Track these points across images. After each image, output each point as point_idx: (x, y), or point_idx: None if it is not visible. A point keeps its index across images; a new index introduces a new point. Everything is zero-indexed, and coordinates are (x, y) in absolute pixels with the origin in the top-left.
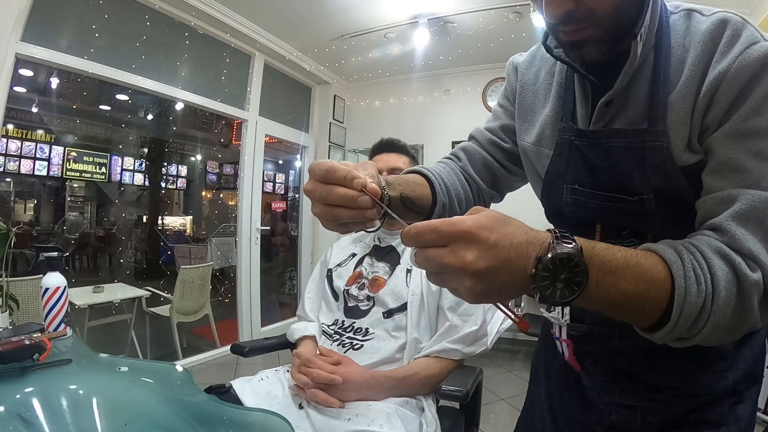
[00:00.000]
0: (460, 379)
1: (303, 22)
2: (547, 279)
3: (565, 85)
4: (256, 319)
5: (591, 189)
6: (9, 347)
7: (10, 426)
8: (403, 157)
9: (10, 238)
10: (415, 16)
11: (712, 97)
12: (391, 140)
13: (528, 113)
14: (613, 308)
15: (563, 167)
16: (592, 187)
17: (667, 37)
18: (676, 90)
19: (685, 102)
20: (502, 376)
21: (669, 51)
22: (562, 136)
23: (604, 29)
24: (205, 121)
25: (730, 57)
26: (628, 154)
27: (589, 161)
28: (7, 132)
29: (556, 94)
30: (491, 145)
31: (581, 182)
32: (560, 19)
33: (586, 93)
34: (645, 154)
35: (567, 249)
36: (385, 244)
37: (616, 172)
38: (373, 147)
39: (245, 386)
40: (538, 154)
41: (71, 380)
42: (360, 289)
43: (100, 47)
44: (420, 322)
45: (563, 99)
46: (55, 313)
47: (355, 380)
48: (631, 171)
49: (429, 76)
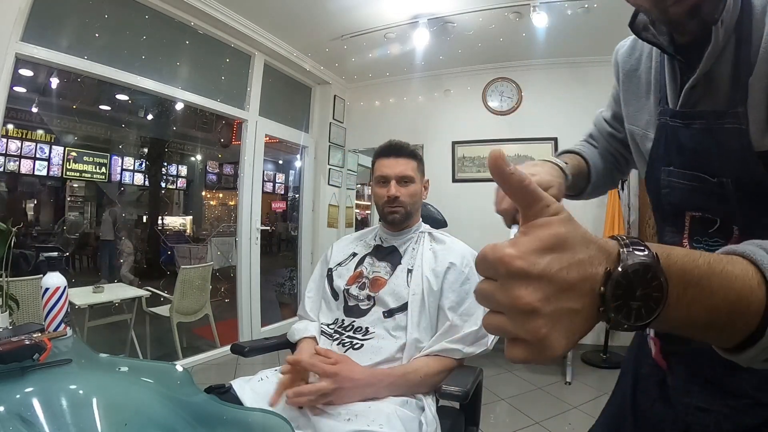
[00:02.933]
0: (460, 379)
1: (303, 22)
2: (620, 298)
3: (659, 69)
4: (256, 319)
5: (681, 169)
6: (9, 347)
7: (10, 426)
8: (411, 162)
9: (10, 238)
10: (415, 16)
11: None
12: (400, 144)
13: (635, 98)
14: (695, 327)
15: (662, 150)
16: (681, 167)
17: (747, 19)
18: (755, 70)
19: (761, 82)
20: (502, 376)
21: (750, 32)
22: (660, 120)
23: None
24: (205, 121)
25: None
26: (709, 137)
27: (679, 142)
28: (7, 132)
29: (654, 78)
30: (609, 137)
31: (674, 163)
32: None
33: (675, 75)
34: (724, 137)
35: (640, 258)
36: (387, 244)
37: (700, 154)
38: (379, 149)
39: (245, 386)
40: (644, 138)
41: (71, 380)
42: (360, 288)
43: (100, 47)
44: (420, 322)
45: (660, 83)
46: (55, 313)
47: (356, 378)
48: (711, 154)
49: (429, 76)
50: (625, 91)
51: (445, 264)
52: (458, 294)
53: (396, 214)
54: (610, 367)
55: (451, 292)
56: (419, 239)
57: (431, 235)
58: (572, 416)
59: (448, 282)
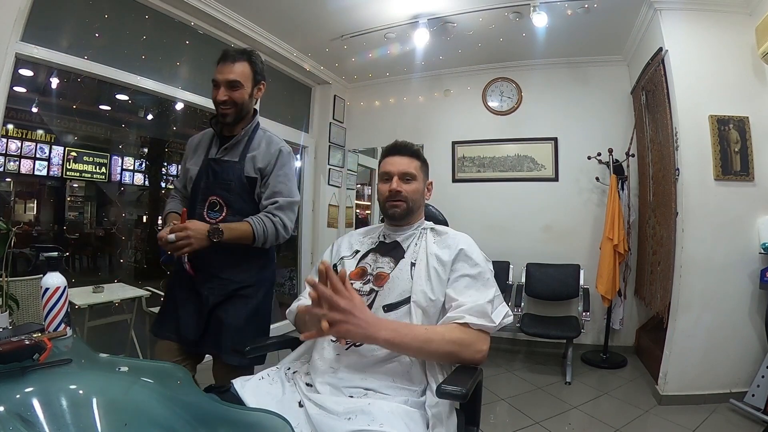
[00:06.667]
0: (460, 379)
1: (303, 22)
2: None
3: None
4: None
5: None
6: (9, 347)
7: (10, 426)
8: (414, 161)
9: (10, 238)
10: (415, 16)
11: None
12: (404, 143)
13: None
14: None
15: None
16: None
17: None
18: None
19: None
20: (502, 376)
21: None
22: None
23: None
24: (205, 121)
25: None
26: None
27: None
28: (7, 132)
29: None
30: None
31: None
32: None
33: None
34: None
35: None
36: (389, 240)
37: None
38: (385, 149)
39: (245, 386)
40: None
41: (71, 380)
42: (364, 284)
43: (100, 47)
44: (425, 313)
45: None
46: (55, 313)
47: (367, 315)
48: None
49: (429, 76)
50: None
51: (455, 251)
52: (465, 279)
53: (397, 209)
54: (610, 367)
55: (460, 277)
56: (422, 235)
57: (434, 230)
58: (572, 416)
59: (457, 268)
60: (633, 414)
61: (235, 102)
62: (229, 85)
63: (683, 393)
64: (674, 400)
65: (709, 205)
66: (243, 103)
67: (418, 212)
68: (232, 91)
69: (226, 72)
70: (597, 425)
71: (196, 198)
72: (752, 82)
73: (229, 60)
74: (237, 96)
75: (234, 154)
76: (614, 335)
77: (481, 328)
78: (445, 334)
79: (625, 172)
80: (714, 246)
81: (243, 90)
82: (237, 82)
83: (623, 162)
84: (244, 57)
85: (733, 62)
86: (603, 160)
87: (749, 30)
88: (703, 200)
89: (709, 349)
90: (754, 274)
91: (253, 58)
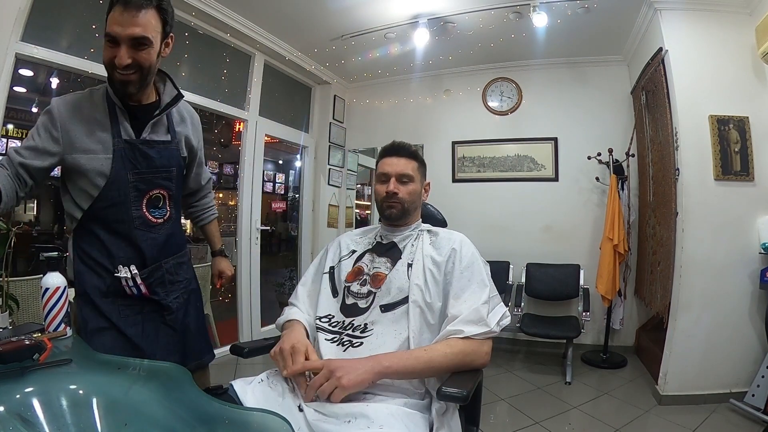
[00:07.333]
0: (461, 380)
1: (303, 22)
2: None
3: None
4: (256, 319)
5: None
6: (9, 347)
7: (10, 426)
8: (412, 162)
9: (10, 238)
10: (415, 16)
11: None
12: (402, 144)
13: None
14: None
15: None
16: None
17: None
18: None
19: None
20: (502, 376)
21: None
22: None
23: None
24: (205, 121)
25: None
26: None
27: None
28: (7, 132)
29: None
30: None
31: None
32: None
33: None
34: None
35: None
36: (386, 240)
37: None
38: (383, 149)
39: (245, 387)
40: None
41: (71, 380)
42: (361, 285)
43: (100, 47)
44: (423, 314)
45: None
46: (55, 313)
47: (351, 360)
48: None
49: (429, 76)
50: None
51: (447, 252)
52: (459, 280)
53: (393, 209)
54: (610, 367)
55: (453, 279)
56: (419, 236)
57: (430, 231)
58: (572, 416)
59: (449, 269)
60: (633, 414)
61: (141, 65)
62: (134, 42)
63: (683, 393)
64: (674, 400)
65: (709, 205)
66: (150, 66)
67: (414, 213)
68: (137, 51)
69: (130, 24)
70: (597, 425)
71: (124, 195)
72: (752, 82)
73: (132, 6)
74: (144, 58)
75: (160, 132)
76: (614, 335)
77: (479, 337)
78: (446, 350)
79: (625, 172)
80: (714, 246)
81: (151, 49)
82: (145, 39)
83: (623, 162)
84: (151, 3)
85: (733, 62)
86: (603, 160)
87: (749, 30)
88: (703, 200)
89: (709, 349)
90: (754, 274)
91: (162, 4)
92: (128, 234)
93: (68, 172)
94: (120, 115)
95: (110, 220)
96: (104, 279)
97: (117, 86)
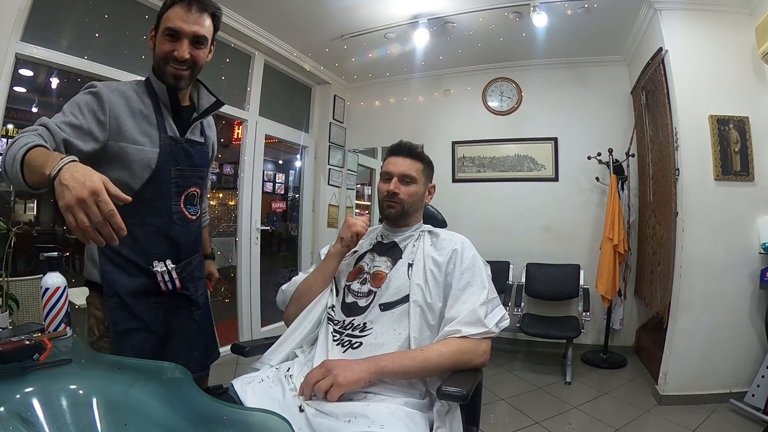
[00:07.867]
0: (461, 379)
1: (303, 22)
2: None
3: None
4: (256, 319)
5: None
6: (9, 347)
7: (10, 426)
8: (417, 163)
9: (10, 238)
10: (415, 16)
11: None
12: (408, 145)
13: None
14: None
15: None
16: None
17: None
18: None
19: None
20: (502, 376)
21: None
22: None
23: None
24: None
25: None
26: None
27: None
28: (7, 132)
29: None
30: None
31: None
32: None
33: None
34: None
35: None
36: (387, 240)
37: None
38: (389, 148)
39: (245, 387)
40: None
41: (71, 380)
42: (362, 284)
43: (100, 47)
44: (423, 313)
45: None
46: (55, 313)
47: (347, 361)
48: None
49: (429, 76)
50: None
51: (448, 252)
52: (459, 281)
53: (392, 209)
54: (610, 367)
55: (453, 279)
56: (420, 237)
57: (431, 232)
58: (572, 416)
59: (450, 270)
60: (633, 414)
61: (196, 62)
62: (194, 39)
63: (683, 393)
64: (674, 400)
65: (709, 205)
66: (201, 65)
67: (415, 215)
68: (195, 49)
69: (195, 22)
70: (597, 425)
71: (166, 190)
72: (752, 82)
73: (196, 6)
74: (200, 56)
75: (196, 133)
76: (614, 335)
77: (476, 337)
78: (442, 350)
79: (625, 172)
80: (714, 246)
81: (206, 49)
82: (204, 39)
83: (623, 162)
84: (211, 9)
85: (733, 62)
86: (603, 160)
87: (749, 30)
88: (703, 200)
89: (709, 349)
90: (754, 274)
91: (218, 13)
92: (165, 229)
93: (106, 161)
94: (165, 111)
95: (145, 214)
96: (135, 277)
97: (169, 80)
